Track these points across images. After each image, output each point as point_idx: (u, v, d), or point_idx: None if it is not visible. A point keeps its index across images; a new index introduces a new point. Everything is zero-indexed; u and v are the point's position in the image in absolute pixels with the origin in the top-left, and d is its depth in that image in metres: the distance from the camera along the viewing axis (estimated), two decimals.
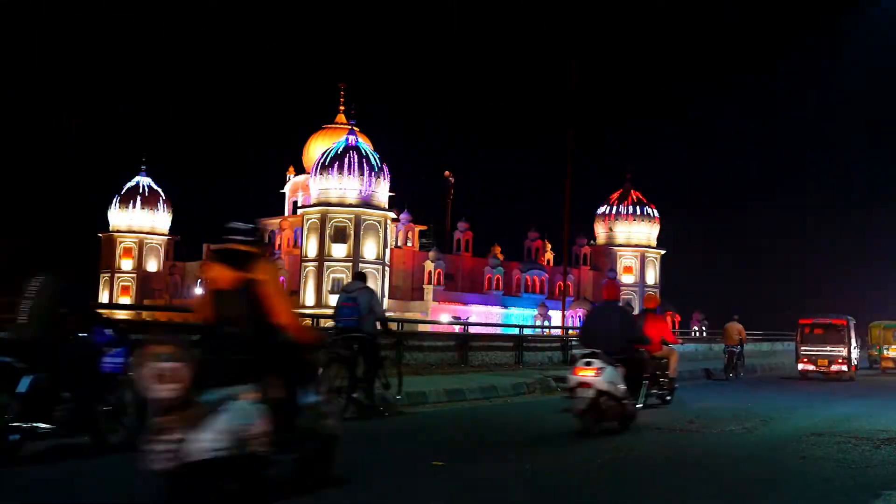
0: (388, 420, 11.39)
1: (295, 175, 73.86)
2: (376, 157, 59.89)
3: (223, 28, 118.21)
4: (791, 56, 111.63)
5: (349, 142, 59.64)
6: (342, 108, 71.40)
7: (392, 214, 61.12)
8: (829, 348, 23.78)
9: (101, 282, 71.50)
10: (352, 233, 57.69)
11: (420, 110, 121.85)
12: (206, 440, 4.68)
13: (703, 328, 62.52)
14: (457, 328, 35.29)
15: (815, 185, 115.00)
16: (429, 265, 61.73)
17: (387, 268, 59.67)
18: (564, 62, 38.08)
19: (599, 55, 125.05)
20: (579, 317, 62.73)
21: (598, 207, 74.85)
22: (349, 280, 9.73)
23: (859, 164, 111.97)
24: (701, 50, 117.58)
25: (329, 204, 58.11)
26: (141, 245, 72.08)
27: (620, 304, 11.93)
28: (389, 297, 59.73)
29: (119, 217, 72.52)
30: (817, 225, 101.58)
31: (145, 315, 57.35)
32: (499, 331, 36.83)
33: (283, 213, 71.92)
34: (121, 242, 71.90)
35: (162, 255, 72.80)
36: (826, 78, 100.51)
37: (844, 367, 23.56)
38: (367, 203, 58.28)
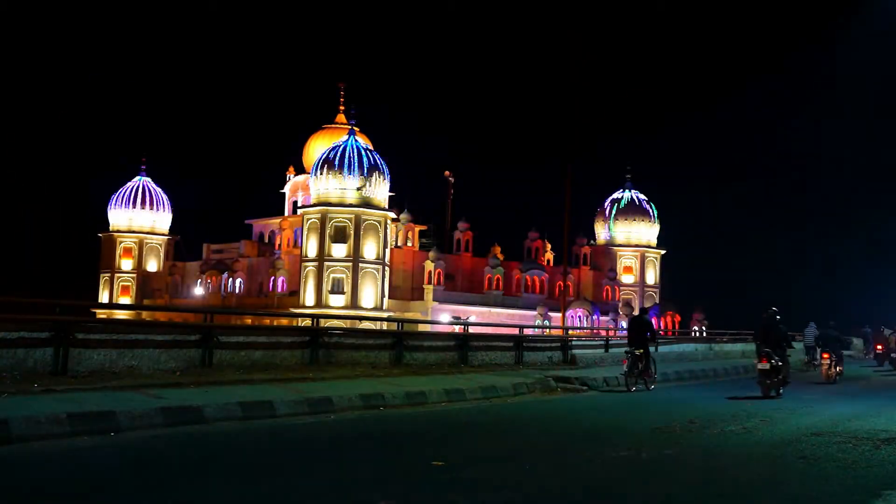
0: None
1: (295, 175, 73.84)
2: (376, 157, 59.90)
3: (223, 28, 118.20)
4: (798, 53, 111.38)
5: (349, 142, 59.63)
6: (342, 108, 71.38)
7: (392, 214, 61.08)
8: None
9: (101, 282, 71.50)
10: (352, 233, 57.65)
11: (420, 110, 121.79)
12: None
13: (703, 328, 62.50)
14: (457, 328, 35.24)
15: (817, 185, 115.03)
16: (429, 265, 61.70)
17: (387, 268, 59.65)
18: (566, 60, 38.05)
19: (601, 54, 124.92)
20: (579, 317, 62.72)
21: (598, 207, 74.84)
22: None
23: (862, 168, 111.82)
24: (706, 48, 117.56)
25: (329, 204, 58.08)
26: (141, 245, 72.05)
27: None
28: (389, 297, 59.72)
29: (119, 217, 72.50)
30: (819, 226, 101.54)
31: (145, 315, 57.42)
32: (499, 331, 36.78)
33: (283, 213, 71.89)
34: (121, 242, 71.85)
35: (162, 255, 72.77)
36: (834, 73, 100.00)
37: None
38: (367, 203, 58.27)
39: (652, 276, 73.02)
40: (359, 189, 55.64)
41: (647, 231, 73.18)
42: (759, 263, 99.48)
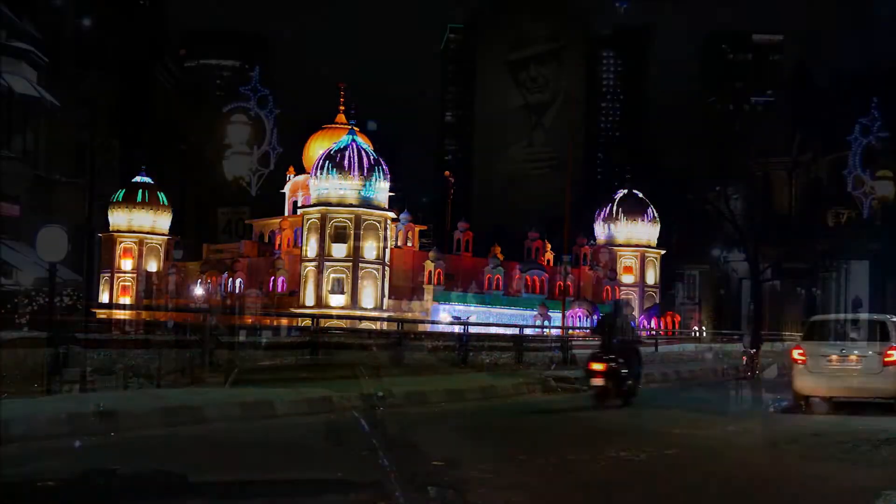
0: None
1: (295, 175, 73.77)
2: (376, 157, 59.88)
3: (223, 27, 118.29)
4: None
5: (349, 142, 59.60)
6: (342, 108, 71.31)
7: (392, 214, 61.08)
8: None
9: (102, 282, 71.41)
10: (352, 233, 57.63)
11: (420, 110, 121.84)
12: None
13: (703, 328, 62.52)
14: (457, 328, 35.21)
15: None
16: (429, 265, 61.65)
17: (387, 268, 59.63)
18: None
19: (601, 53, 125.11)
20: (579, 317, 62.74)
21: (598, 207, 74.78)
22: None
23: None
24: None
25: (329, 204, 58.06)
26: (141, 245, 72.02)
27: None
28: (389, 297, 59.71)
29: (119, 217, 72.45)
30: None
31: (145, 315, 57.37)
32: (499, 331, 36.74)
33: (283, 213, 71.84)
34: (121, 242, 71.81)
35: (162, 255, 72.75)
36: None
37: None
38: (367, 203, 58.25)
39: (652, 277, 72.97)
40: None
41: (647, 231, 73.15)
42: None
